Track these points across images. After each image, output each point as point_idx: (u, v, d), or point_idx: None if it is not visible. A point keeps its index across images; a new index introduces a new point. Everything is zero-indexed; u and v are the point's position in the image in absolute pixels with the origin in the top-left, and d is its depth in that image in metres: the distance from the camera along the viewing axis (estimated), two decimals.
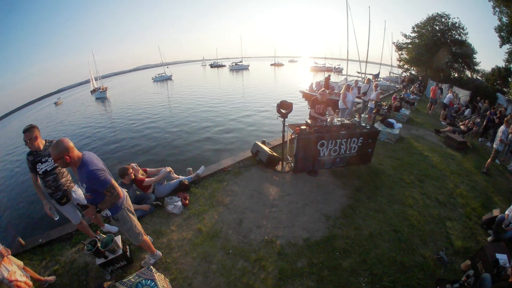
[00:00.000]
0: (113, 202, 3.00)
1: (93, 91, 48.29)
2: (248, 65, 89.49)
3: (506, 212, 4.85)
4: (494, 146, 7.94)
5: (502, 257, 3.62)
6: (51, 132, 21.88)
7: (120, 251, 3.69)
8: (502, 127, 7.94)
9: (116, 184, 2.98)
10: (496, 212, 5.12)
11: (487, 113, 12.35)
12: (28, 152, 3.52)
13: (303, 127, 6.14)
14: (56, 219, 3.87)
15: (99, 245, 3.53)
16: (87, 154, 2.93)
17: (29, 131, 3.46)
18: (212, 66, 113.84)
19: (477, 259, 3.85)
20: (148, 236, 4.13)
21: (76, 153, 2.80)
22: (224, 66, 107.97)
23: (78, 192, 3.90)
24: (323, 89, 7.29)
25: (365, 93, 12.16)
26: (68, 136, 3.45)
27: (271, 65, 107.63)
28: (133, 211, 3.49)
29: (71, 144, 2.76)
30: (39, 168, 3.52)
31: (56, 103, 52.30)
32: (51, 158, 3.53)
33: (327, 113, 7.06)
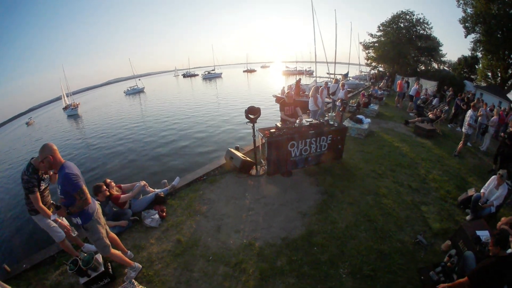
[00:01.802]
0: (82, 206, 3.16)
1: (65, 108, 46.70)
2: (221, 73, 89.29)
3: (482, 190, 5.10)
4: (464, 130, 8.30)
5: (483, 234, 3.76)
6: (28, 152, 21.17)
7: (102, 268, 3.66)
8: (470, 112, 8.30)
9: (86, 190, 3.20)
10: (471, 191, 5.36)
11: (455, 100, 12.86)
12: (33, 171, 3.57)
13: (272, 130, 6.26)
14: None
15: (80, 263, 3.51)
16: (68, 162, 3.27)
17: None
18: (185, 76, 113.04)
19: (457, 238, 3.98)
20: (128, 252, 4.15)
21: (59, 156, 3.18)
22: (197, 75, 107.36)
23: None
24: (288, 91, 7.43)
25: (334, 93, 12.44)
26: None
27: (244, 71, 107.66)
28: (103, 224, 3.55)
29: (55, 147, 3.18)
30: (42, 184, 3.68)
31: (27, 123, 50.56)
32: (47, 175, 3.75)
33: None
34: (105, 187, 4.88)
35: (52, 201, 3.81)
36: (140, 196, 5.58)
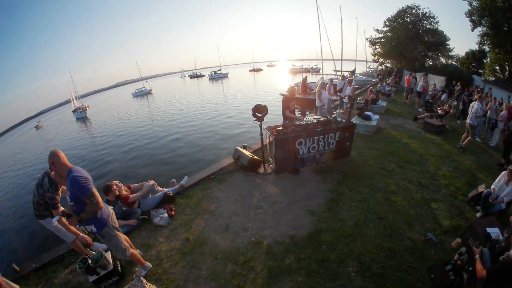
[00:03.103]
0: (93, 211, 3.08)
1: (74, 111, 47.05)
2: (227, 73, 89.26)
3: (492, 187, 5.02)
4: (469, 122, 8.17)
5: (493, 231, 3.71)
6: (37, 152, 21.33)
7: (111, 267, 3.70)
8: (477, 104, 8.18)
9: (96, 193, 3.10)
10: (481, 188, 5.28)
11: (462, 96, 12.73)
12: (55, 189, 3.70)
13: (280, 128, 6.25)
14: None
15: (89, 262, 3.54)
16: (76, 167, 3.19)
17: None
18: (191, 76, 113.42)
19: (467, 236, 3.92)
20: (138, 250, 4.14)
21: (65, 162, 3.12)
22: (204, 75, 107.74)
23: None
24: (292, 86, 7.38)
25: (341, 90, 12.38)
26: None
27: (250, 71, 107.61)
28: (119, 228, 3.53)
29: (59, 154, 3.12)
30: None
31: (36, 127, 51.14)
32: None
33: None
34: (115, 186, 4.93)
35: (62, 209, 3.81)
36: (149, 196, 5.62)
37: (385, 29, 32.00)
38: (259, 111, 6.11)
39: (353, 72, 34.04)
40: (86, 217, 3.07)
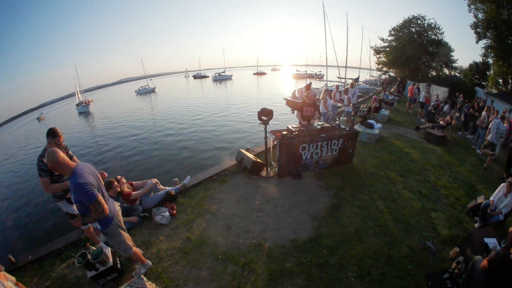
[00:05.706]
0: (97, 219, 2.96)
1: (77, 105, 46.87)
2: (231, 75, 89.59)
3: (491, 198, 5.05)
4: (494, 141, 8.20)
5: (491, 241, 3.76)
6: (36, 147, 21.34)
7: (111, 263, 3.68)
8: (503, 125, 8.15)
9: (102, 201, 2.92)
10: (480, 199, 5.32)
11: (463, 108, 12.78)
12: (42, 153, 3.38)
13: (284, 132, 6.29)
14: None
15: (89, 257, 3.52)
16: (80, 165, 2.95)
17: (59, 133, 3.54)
18: (195, 77, 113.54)
19: (465, 245, 3.98)
20: (138, 248, 4.16)
21: (64, 162, 2.79)
22: (208, 77, 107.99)
23: None
24: (309, 90, 7.38)
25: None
26: None
27: (254, 74, 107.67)
28: (123, 226, 3.51)
29: (58, 156, 2.76)
30: None
31: (38, 119, 51.03)
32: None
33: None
34: (116, 183, 4.96)
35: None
36: (151, 194, 5.65)
37: (390, 38, 32.06)
38: (265, 114, 6.14)
39: (356, 79, 34.13)
40: (91, 222, 3.00)
